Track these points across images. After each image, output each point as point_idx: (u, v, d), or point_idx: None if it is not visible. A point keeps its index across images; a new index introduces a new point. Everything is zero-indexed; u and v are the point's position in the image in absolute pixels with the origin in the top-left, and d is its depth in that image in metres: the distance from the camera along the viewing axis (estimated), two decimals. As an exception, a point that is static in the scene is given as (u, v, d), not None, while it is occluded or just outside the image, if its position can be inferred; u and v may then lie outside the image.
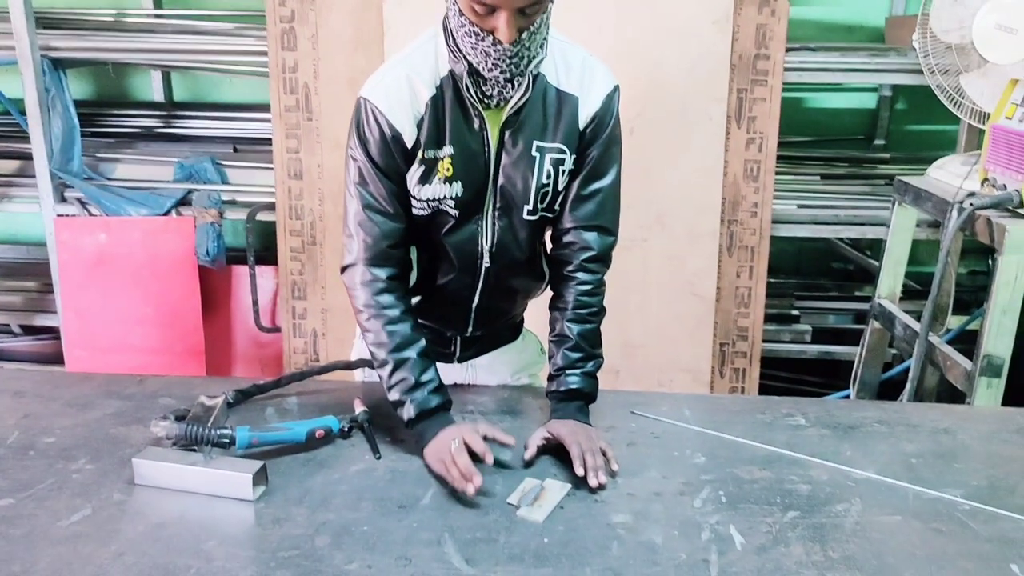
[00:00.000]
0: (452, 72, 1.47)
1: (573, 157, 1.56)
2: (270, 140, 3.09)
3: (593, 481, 1.42)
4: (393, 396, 1.53)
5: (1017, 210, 2.19)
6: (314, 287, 3.12)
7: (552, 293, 1.68)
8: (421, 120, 1.49)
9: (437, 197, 1.53)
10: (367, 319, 1.55)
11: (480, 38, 1.38)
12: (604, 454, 1.49)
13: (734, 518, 1.37)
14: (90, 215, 3.23)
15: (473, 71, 1.44)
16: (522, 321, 1.89)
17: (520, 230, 1.60)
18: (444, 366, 1.74)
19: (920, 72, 2.69)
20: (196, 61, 3.40)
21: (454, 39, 1.43)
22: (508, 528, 1.33)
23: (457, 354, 1.80)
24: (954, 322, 2.83)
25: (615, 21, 2.76)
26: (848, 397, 2.95)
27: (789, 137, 3.40)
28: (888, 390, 3.01)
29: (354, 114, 1.51)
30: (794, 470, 1.52)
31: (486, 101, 1.48)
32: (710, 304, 2.95)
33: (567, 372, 1.59)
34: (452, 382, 1.71)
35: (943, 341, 2.49)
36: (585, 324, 1.61)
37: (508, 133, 1.52)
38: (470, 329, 1.73)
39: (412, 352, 1.53)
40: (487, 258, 1.61)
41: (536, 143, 1.53)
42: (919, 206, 2.56)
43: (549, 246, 1.69)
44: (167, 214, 3.21)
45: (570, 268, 1.62)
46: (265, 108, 3.30)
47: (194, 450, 1.45)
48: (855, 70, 3.03)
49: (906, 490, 1.46)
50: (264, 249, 3.36)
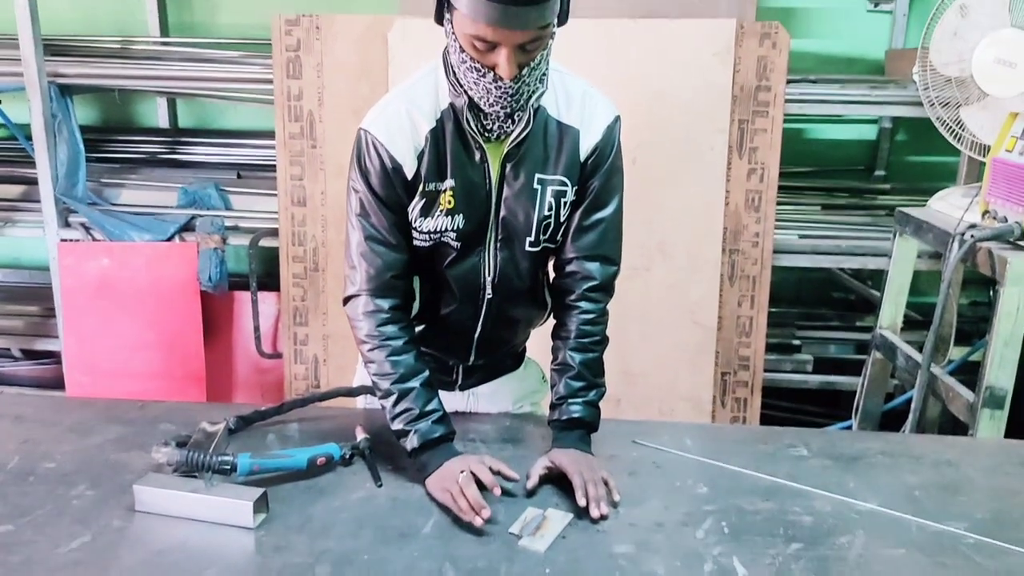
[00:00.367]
0: (452, 105, 1.48)
1: (575, 189, 1.57)
2: (274, 167, 3.11)
3: (595, 512, 1.42)
4: (396, 426, 1.53)
5: (1018, 242, 2.20)
6: (316, 313, 3.12)
7: (555, 322, 1.68)
8: (422, 153, 1.50)
9: (439, 229, 1.54)
10: (370, 350, 1.55)
11: (481, 74, 1.38)
12: (606, 484, 1.48)
13: (737, 549, 1.36)
14: (93, 240, 3.24)
15: (473, 105, 1.45)
16: (524, 350, 1.89)
17: (522, 261, 1.61)
18: (445, 394, 1.73)
19: (920, 104, 2.71)
20: (202, 88, 3.44)
21: (454, 73, 1.44)
22: (510, 558, 1.32)
23: (459, 382, 1.80)
24: (956, 353, 2.83)
25: (617, 52, 2.79)
26: (850, 427, 2.94)
27: (790, 167, 3.42)
28: (890, 421, 3.01)
29: (355, 146, 1.52)
30: (797, 501, 1.51)
31: (486, 134, 1.49)
32: (711, 333, 2.94)
33: (569, 401, 1.59)
34: (453, 410, 1.71)
35: (945, 372, 2.49)
36: (588, 353, 1.61)
37: (509, 166, 1.52)
38: (472, 358, 1.73)
39: (416, 382, 1.53)
40: (489, 289, 1.61)
41: (538, 175, 1.53)
42: (920, 237, 2.57)
43: (552, 275, 1.70)
44: (171, 239, 3.22)
45: (573, 297, 1.62)
46: (269, 135, 3.32)
47: (195, 476, 1.44)
48: (855, 102, 3.07)
49: (910, 523, 1.45)
50: (266, 275, 3.36)
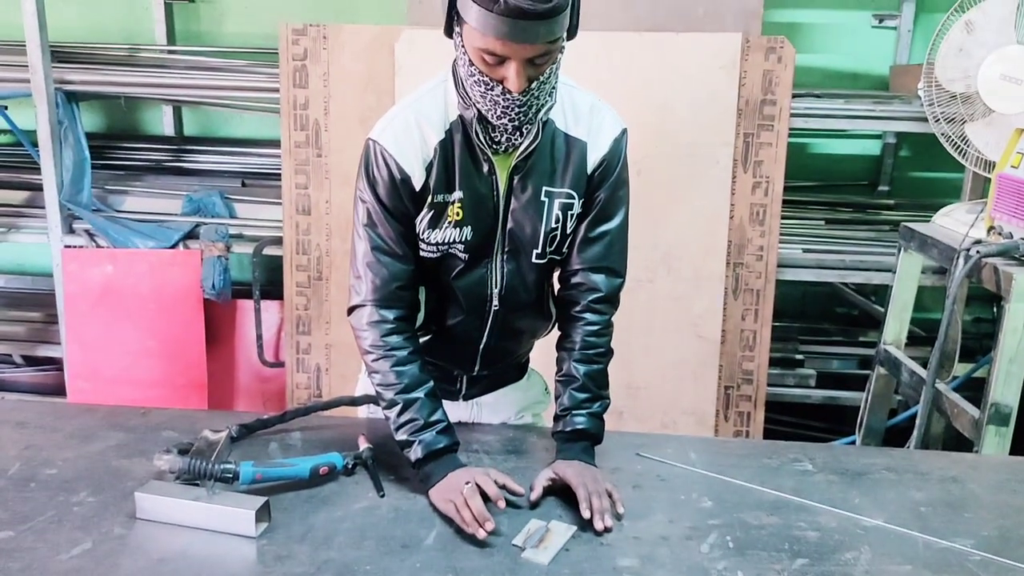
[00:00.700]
0: (461, 117, 1.48)
1: (581, 201, 1.56)
2: (278, 175, 3.12)
3: (599, 525, 1.41)
4: (400, 436, 1.52)
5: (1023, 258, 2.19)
6: (319, 322, 3.12)
7: (560, 333, 1.68)
8: (430, 164, 1.49)
9: (447, 241, 1.53)
10: (375, 360, 1.54)
11: (490, 87, 1.38)
12: (610, 496, 1.48)
13: (742, 564, 1.35)
14: (97, 247, 3.24)
15: (482, 117, 1.45)
16: (528, 360, 1.88)
17: (528, 273, 1.60)
18: (448, 404, 1.72)
19: (924, 120, 2.72)
20: (207, 96, 3.45)
21: (463, 85, 1.44)
22: (513, 570, 1.31)
23: (463, 392, 1.80)
24: (959, 369, 2.82)
25: (624, 65, 2.80)
26: (853, 443, 2.93)
27: (794, 182, 3.42)
28: (893, 436, 2.99)
29: (363, 156, 1.51)
30: (802, 516, 1.50)
31: (495, 146, 1.49)
32: (715, 346, 2.94)
33: (573, 412, 1.59)
34: (456, 420, 1.70)
35: (950, 388, 2.48)
36: (592, 365, 1.60)
37: (517, 178, 1.52)
38: (477, 368, 1.73)
39: (420, 393, 1.53)
40: (496, 300, 1.61)
41: (545, 188, 1.53)
42: (925, 253, 2.57)
43: (556, 287, 1.69)
44: (175, 247, 3.22)
45: (578, 309, 1.62)
46: (274, 144, 3.33)
47: (197, 484, 1.44)
48: (860, 117, 3.07)
49: (916, 539, 1.44)
50: (269, 283, 3.36)
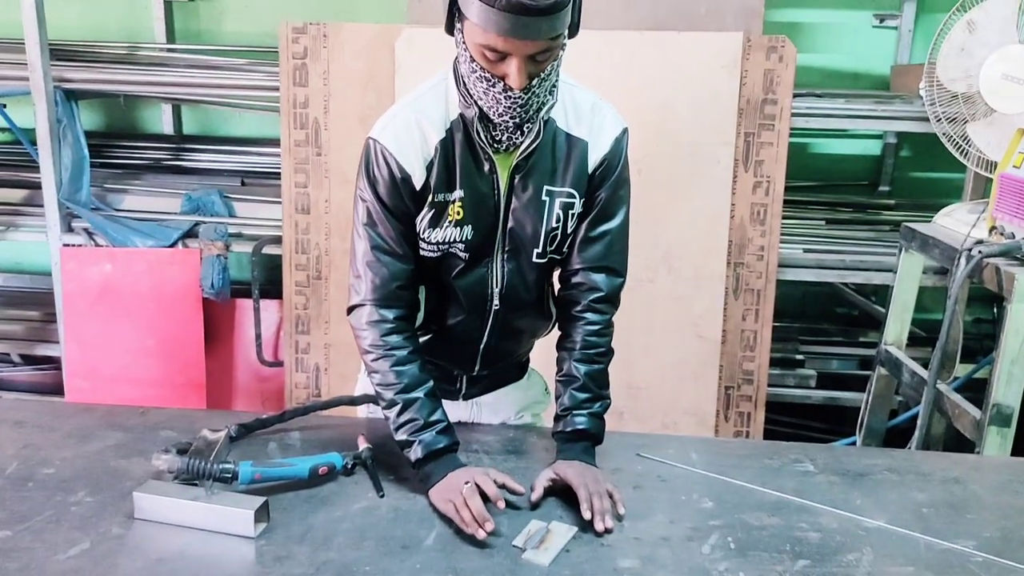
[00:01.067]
0: (462, 116, 1.47)
1: (582, 201, 1.56)
2: (278, 174, 3.11)
3: (600, 526, 1.40)
4: (400, 436, 1.51)
5: (1026, 259, 2.19)
6: (318, 322, 3.11)
7: (560, 333, 1.67)
8: (431, 163, 1.49)
9: (447, 240, 1.53)
10: (374, 360, 1.53)
11: (491, 84, 1.37)
12: (611, 497, 1.47)
13: (743, 566, 1.34)
14: (96, 245, 3.23)
15: (483, 115, 1.44)
16: (528, 360, 1.88)
17: (529, 272, 1.60)
18: (448, 403, 1.72)
19: (925, 120, 2.71)
20: (207, 95, 3.44)
21: (464, 84, 1.44)
22: (513, 571, 1.31)
23: (463, 392, 1.79)
24: (960, 370, 2.82)
25: (625, 64, 2.79)
26: (854, 443, 2.92)
27: (794, 182, 3.42)
28: (894, 437, 2.99)
29: (363, 155, 1.51)
30: (804, 517, 1.49)
31: (495, 145, 1.48)
32: (715, 346, 2.93)
33: (574, 412, 1.58)
34: (456, 419, 1.69)
35: (951, 389, 2.48)
36: (593, 364, 1.60)
37: (518, 177, 1.51)
38: (477, 368, 1.72)
39: (420, 392, 1.52)
40: (496, 300, 1.60)
41: (546, 187, 1.53)
42: (926, 253, 2.56)
43: (557, 286, 1.69)
44: (173, 246, 3.21)
45: (578, 308, 1.61)
46: (273, 143, 3.32)
47: (195, 484, 1.43)
48: (861, 116, 3.07)
49: (918, 540, 1.43)
50: (269, 283, 3.35)
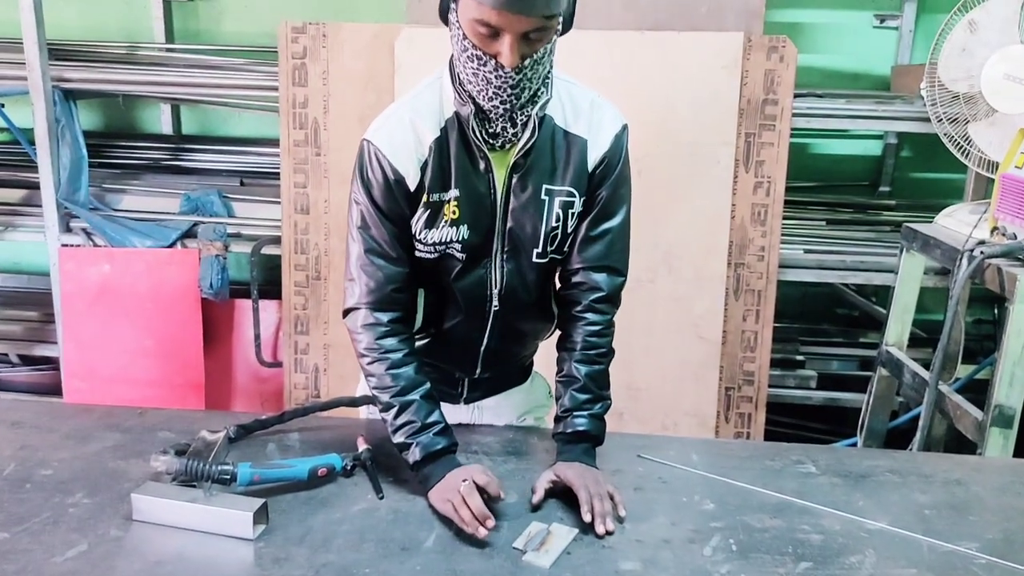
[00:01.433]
0: (457, 114, 1.46)
1: (583, 200, 1.55)
2: (277, 174, 3.10)
3: (600, 528, 1.39)
4: (398, 439, 1.50)
5: (1027, 259, 2.18)
6: (317, 322, 3.11)
7: (560, 333, 1.66)
8: (425, 163, 1.48)
9: (444, 241, 1.51)
10: (370, 363, 1.53)
11: (482, 63, 1.35)
12: (612, 499, 1.46)
13: (745, 568, 1.33)
14: (95, 245, 3.22)
15: (478, 111, 1.43)
16: (532, 363, 1.86)
17: (529, 273, 1.58)
18: (450, 407, 1.72)
19: (926, 120, 2.71)
20: (206, 95, 3.43)
21: (460, 81, 1.43)
22: (514, 573, 1.30)
23: (464, 395, 1.78)
24: (961, 371, 2.81)
25: (625, 64, 2.78)
26: (855, 444, 2.92)
27: (794, 182, 3.41)
28: (894, 438, 2.98)
29: (357, 157, 1.50)
30: (805, 519, 1.49)
31: (491, 142, 1.47)
32: (716, 347, 2.93)
33: (575, 414, 1.57)
34: (457, 422, 1.69)
35: (952, 390, 2.47)
36: (594, 365, 1.59)
37: (516, 177, 1.50)
38: (478, 371, 1.71)
39: (416, 395, 1.51)
40: (496, 301, 1.59)
41: (545, 186, 1.51)
42: (927, 253, 2.56)
43: (557, 286, 1.68)
44: (172, 246, 3.20)
45: (579, 308, 1.60)
46: (272, 143, 3.32)
47: (194, 486, 1.42)
48: (861, 117, 3.06)
49: (920, 542, 1.43)
50: (268, 283, 3.35)
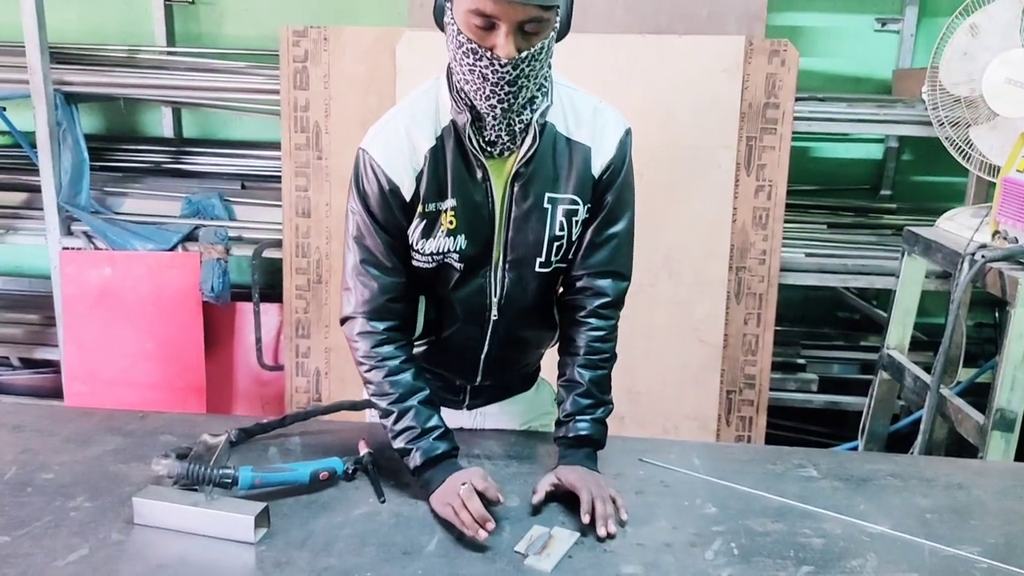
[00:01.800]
0: (454, 122, 1.45)
1: (587, 207, 1.53)
2: (278, 178, 3.11)
3: (602, 531, 1.39)
4: (398, 445, 1.50)
5: (1029, 263, 2.18)
6: (318, 325, 3.10)
7: (562, 337, 1.65)
8: (420, 173, 1.47)
9: (441, 251, 1.50)
10: (367, 370, 1.53)
11: (478, 57, 1.34)
12: (613, 502, 1.46)
13: (747, 572, 1.33)
14: (96, 249, 3.23)
15: (475, 118, 1.42)
16: (537, 371, 1.85)
17: (531, 282, 1.57)
18: (452, 413, 1.71)
19: (927, 124, 2.71)
20: (207, 98, 3.44)
21: (457, 87, 1.42)
22: (515, 577, 1.30)
23: (466, 401, 1.77)
24: (962, 374, 2.81)
25: (626, 68, 2.79)
26: (856, 448, 2.91)
27: (796, 186, 3.41)
28: (895, 442, 2.98)
29: (354, 167, 1.49)
30: (807, 523, 1.48)
31: (488, 150, 1.46)
32: (717, 351, 2.93)
33: (577, 418, 1.56)
34: (459, 427, 1.68)
35: (954, 393, 2.47)
36: (597, 370, 1.58)
37: (518, 185, 1.49)
38: (479, 378, 1.70)
39: (414, 400, 1.51)
40: (495, 311, 1.58)
41: (547, 195, 1.50)
42: (929, 257, 2.56)
43: (559, 291, 1.67)
44: (173, 249, 3.20)
45: (583, 314, 1.59)
46: (274, 146, 3.32)
47: (195, 490, 1.42)
48: (863, 120, 3.06)
49: (922, 546, 1.42)
50: (269, 286, 3.35)
